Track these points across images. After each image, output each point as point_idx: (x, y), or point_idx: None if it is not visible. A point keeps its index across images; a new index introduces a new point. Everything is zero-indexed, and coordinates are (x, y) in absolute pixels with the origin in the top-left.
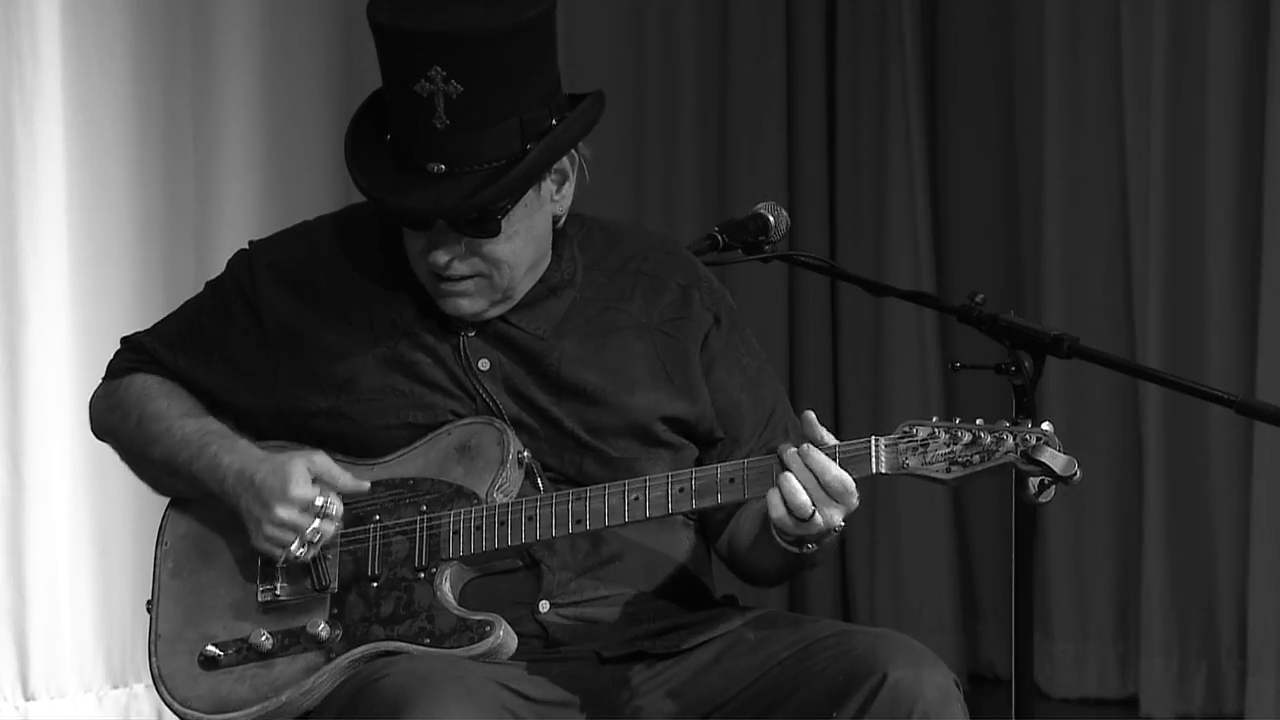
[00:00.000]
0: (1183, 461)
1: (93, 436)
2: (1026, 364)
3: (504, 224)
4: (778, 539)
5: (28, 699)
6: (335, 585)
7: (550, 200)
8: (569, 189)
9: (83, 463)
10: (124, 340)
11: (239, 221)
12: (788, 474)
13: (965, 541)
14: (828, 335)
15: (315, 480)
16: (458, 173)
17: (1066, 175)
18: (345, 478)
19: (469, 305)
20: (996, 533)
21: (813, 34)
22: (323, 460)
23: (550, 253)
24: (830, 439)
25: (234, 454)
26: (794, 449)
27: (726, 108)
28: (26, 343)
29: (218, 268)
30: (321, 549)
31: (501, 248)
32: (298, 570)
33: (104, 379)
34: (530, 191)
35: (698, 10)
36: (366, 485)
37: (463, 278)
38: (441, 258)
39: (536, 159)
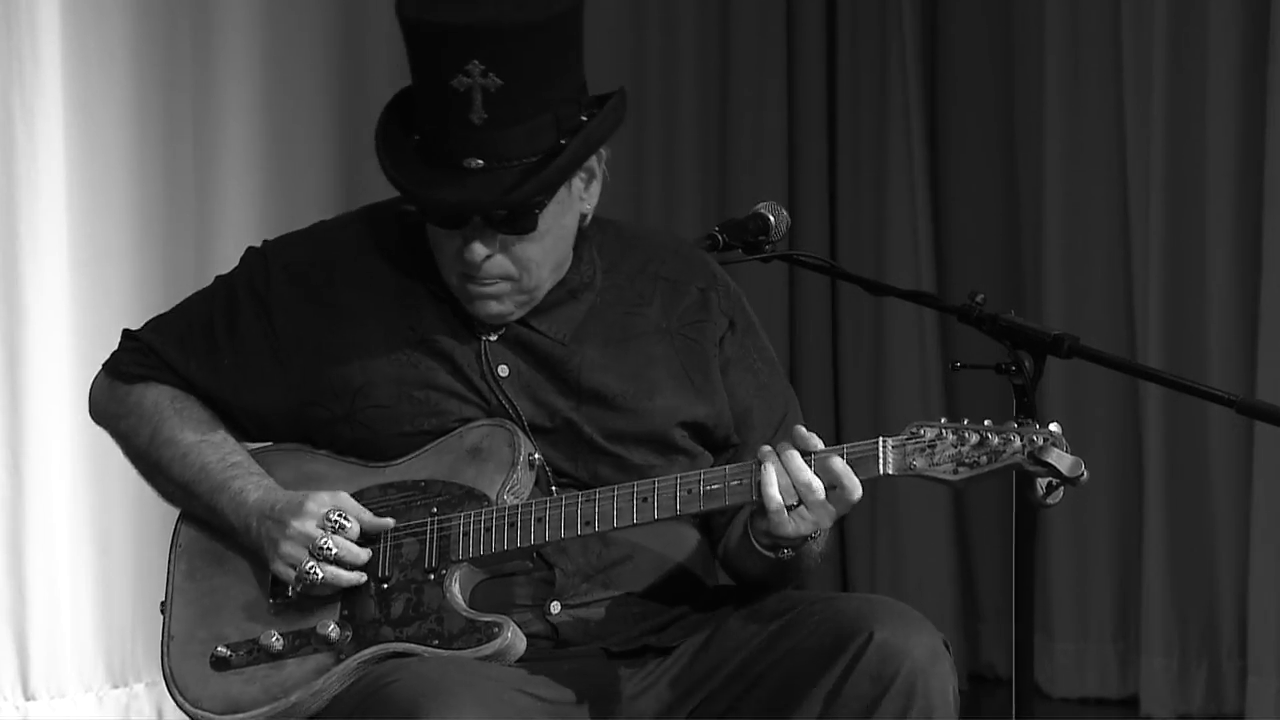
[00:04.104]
0: (1183, 461)
1: (93, 435)
2: (1027, 364)
3: (539, 221)
4: (753, 540)
5: (28, 699)
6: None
7: (579, 199)
8: (596, 187)
9: (83, 463)
10: (130, 335)
11: (239, 221)
12: (765, 465)
13: (965, 541)
14: (828, 335)
15: (337, 510)
16: (494, 168)
17: (1066, 175)
18: (366, 514)
19: (498, 307)
20: (997, 533)
21: (813, 34)
22: (346, 498)
23: (571, 254)
24: (818, 444)
25: (259, 489)
26: (772, 449)
27: (726, 108)
28: (26, 343)
29: (217, 268)
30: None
31: (532, 247)
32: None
33: (109, 375)
34: (562, 189)
35: (698, 10)
36: (390, 523)
37: (493, 280)
38: (478, 254)
39: (576, 152)
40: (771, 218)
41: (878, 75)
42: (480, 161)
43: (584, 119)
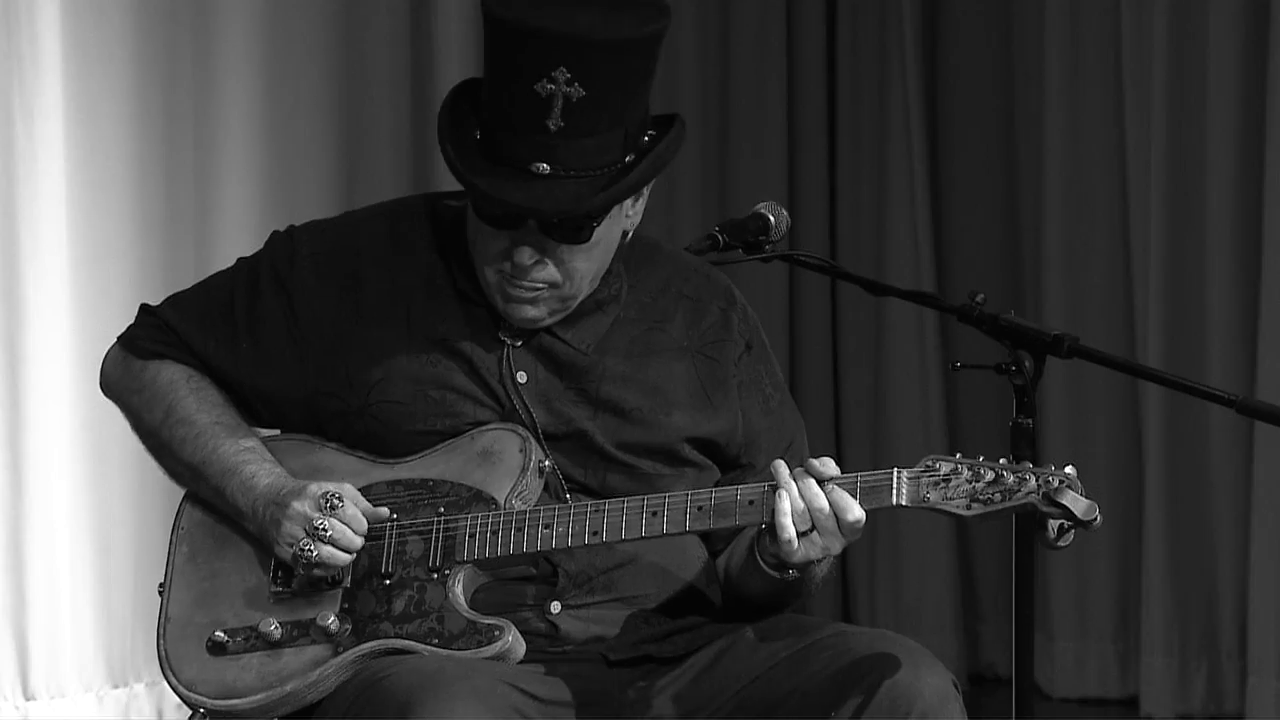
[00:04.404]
0: (1183, 461)
1: (93, 435)
2: (1027, 364)
3: (593, 233)
4: (759, 559)
5: (28, 699)
6: (348, 580)
7: (626, 216)
8: (641, 206)
9: (83, 463)
10: (148, 311)
11: (239, 221)
12: (781, 492)
13: (965, 541)
14: (828, 335)
15: (334, 492)
16: (561, 176)
17: (1066, 175)
18: (364, 503)
19: (534, 312)
20: (997, 532)
21: (813, 35)
22: (350, 488)
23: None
24: (833, 471)
25: (269, 476)
26: (789, 472)
27: (727, 108)
28: (26, 343)
29: (217, 267)
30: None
31: (580, 258)
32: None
33: (124, 349)
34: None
35: (698, 10)
36: (385, 512)
37: (535, 286)
38: (526, 258)
39: (645, 171)
40: (771, 218)
41: (878, 75)
42: (547, 168)
43: (646, 139)
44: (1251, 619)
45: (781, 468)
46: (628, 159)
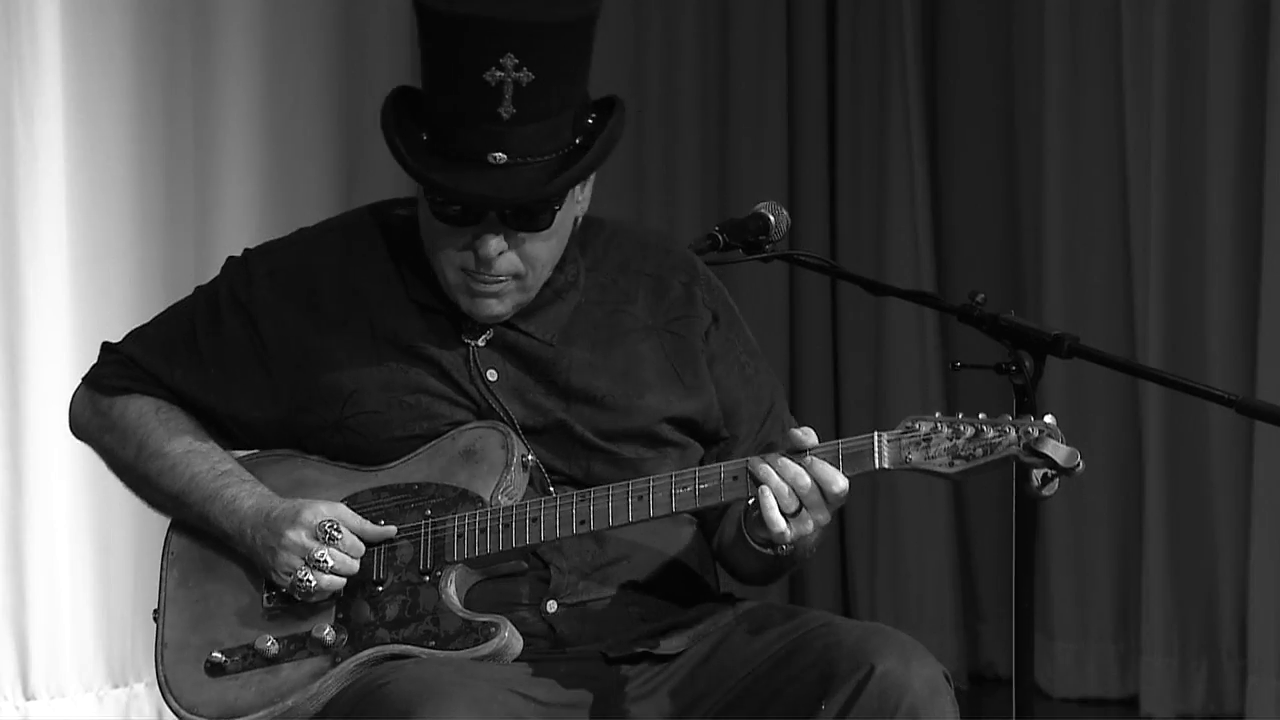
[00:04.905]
0: (1183, 461)
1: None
2: (1027, 363)
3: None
4: (750, 540)
5: (28, 699)
6: (341, 590)
7: (577, 200)
8: (589, 191)
9: (83, 463)
10: (110, 348)
11: (239, 221)
12: (764, 488)
13: (965, 540)
14: (828, 335)
15: (330, 522)
16: (518, 164)
17: (1066, 175)
18: (367, 525)
19: (498, 306)
20: (997, 532)
21: (813, 34)
22: (344, 510)
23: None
24: (814, 441)
25: (252, 496)
26: (764, 461)
27: (727, 108)
28: (26, 343)
29: (218, 267)
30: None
31: (541, 245)
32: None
33: (89, 388)
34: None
35: (698, 10)
36: (393, 531)
37: (498, 278)
38: (492, 249)
39: (599, 151)
40: (771, 218)
41: (878, 75)
42: (503, 157)
43: (590, 121)
44: (1251, 619)
45: (758, 463)
46: (577, 141)
